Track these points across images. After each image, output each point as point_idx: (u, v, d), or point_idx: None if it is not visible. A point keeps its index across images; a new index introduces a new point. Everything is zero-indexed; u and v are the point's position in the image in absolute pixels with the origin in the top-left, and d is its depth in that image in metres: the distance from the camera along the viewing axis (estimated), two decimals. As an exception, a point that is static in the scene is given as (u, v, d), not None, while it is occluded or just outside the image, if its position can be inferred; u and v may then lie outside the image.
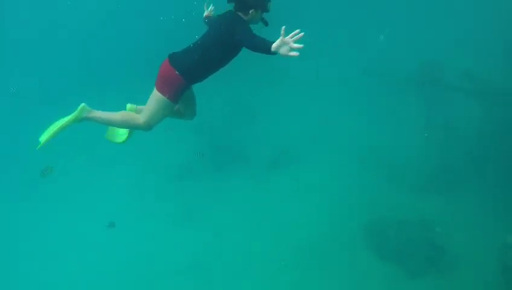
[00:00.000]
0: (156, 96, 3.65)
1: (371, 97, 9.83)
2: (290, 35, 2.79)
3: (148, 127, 3.75)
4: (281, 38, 2.83)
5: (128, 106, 4.05)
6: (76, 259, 7.28)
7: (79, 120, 3.83)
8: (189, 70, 3.57)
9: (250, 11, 3.48)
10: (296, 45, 2.77)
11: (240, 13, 3.52)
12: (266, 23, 3.72)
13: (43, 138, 3.84)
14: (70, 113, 3.79)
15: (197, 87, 3.73)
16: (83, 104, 3.82)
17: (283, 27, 2.81)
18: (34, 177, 7.59)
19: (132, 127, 3.85)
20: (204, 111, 4.81)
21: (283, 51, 2.85)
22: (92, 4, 14.40)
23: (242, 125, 10.02)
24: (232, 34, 3.35)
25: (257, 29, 3.51)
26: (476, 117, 8.45)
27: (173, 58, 3.61)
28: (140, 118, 3.73)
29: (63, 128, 3.84)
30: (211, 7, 3.99)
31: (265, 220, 7.41)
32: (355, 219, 6.91)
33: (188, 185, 8.69)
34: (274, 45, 2.89)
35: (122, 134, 4.16)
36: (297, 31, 2.78)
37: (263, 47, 3.00)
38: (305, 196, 7.74)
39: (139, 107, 4.00)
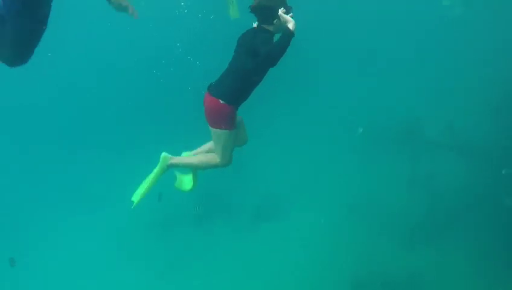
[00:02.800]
0: (216, 134, 3.71)
1: (357, 151, 9.88)
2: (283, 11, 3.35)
3: (226, 162, 3.89)
4: (288, 16, 3.35)
5: (185, 153, 4.27)
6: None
7: (165, 170, 4.05)
8: (232, 96, 3.59)
9: (275, 21, 3.49)
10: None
11: (264, 26, 3.56)
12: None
13: (136, 197, 4.11)
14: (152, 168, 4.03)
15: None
16: (163, 153, 4.03)
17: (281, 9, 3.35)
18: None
19: (213, 167, 3.98)
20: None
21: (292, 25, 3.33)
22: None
23: (225, 173, 9.88)
24: (266, 55, 3.40)
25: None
26: (458, 171, 8.53)
27: (213, 90, 3.64)
28: (216, 158, 3.87)
29: (154, 183, 4.09)
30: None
31: (248, 275, 7.22)
32: (342, 274, 6.74)
33: (171, 234, 8.50)
34: (292, 27, 3.30)
35: (188, 182, 4.32)
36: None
37: (287, 41, 3.31)
38: (290, 249, 7.56)
39: (196, 151, 4.21)
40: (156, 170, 4.07)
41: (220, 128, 3.65)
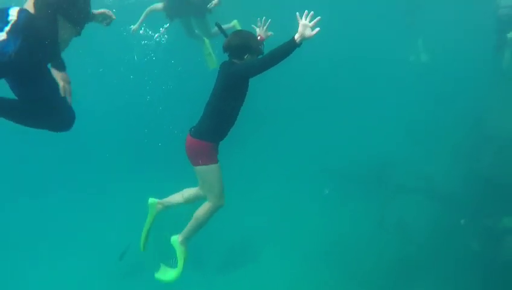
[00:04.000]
0: (200, 173, 3.76)
1: (327, 196, 9.95)
2: (304, 16, 3.13)
3: (219, 203, 3.90)
4: (300, 23, 3.13)
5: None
6: None
7: (156, 215, 4.13)
8: (208, 131, 3.68)
9: (246, 56, 3.61)
10: (313, 22, 3.10)
11: (235, 60, 3.66)
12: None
13: (141, 245, 4.29)
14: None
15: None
16: (150, 199, 4.12)
17: (297, 13, 3.13)
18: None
19: (209, 214, 3.95)
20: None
21: (308, 32, 3.11)
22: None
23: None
24: (232, 74, 3.50)
25: None
26: (428, 216, 8.65)
27: (192, 131, 3.76)
28: (208, 202, 3.88)
29: (148, 229, 4.21)
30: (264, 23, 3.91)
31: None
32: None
33: (138, 283, 8.13)
34: (297, 35, 3.13)
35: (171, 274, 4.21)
36: (306, 12, 3.12)
37: (282, 50, 3.18)
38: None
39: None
40: (148, 219, 4.21)
41: (200, 165, 3.72)
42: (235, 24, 7.61)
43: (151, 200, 4.16)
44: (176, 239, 4.05)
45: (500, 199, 8.01)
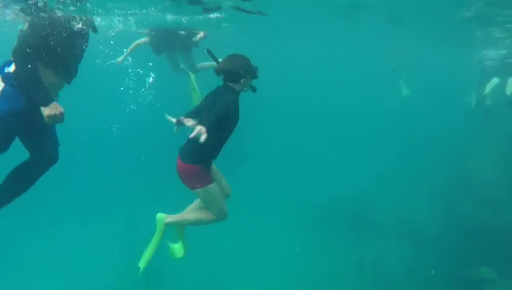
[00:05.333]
0: (198, 194, 3.78)
1: (305, 236, 9.80)
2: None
3: (221, 216, 3.92)
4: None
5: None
6: None
7: (163, 232, 4.10)
8: (195, 155, 3.65)
9: (241, 80, 3.63)
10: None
11: (230, 84, 3.66)
12: (255, 90, 3.86)
13: (143, 264, 4.15)
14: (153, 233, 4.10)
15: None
16: (158, 214, 4.09)
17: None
18: None
19: (212, 222, 3.98)
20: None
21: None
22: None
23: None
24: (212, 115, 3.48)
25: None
26: (405, 258, 8.67)
27: (181, 152, 3.74)
28: (211, 214, 3.91)
29: (156, 248, 4.15)
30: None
31: None
32: None
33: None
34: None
35: (179, 250, 4.33)
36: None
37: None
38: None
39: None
40: (155, 235, 4.13)
41: (200, 187, 3.71)
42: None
43: (159, 215, 4.12)
44: (163, 218, 4.08)
45: (479, 248, 8.05)
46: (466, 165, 10.30)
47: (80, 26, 3.61)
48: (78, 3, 5.10)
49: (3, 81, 3.30)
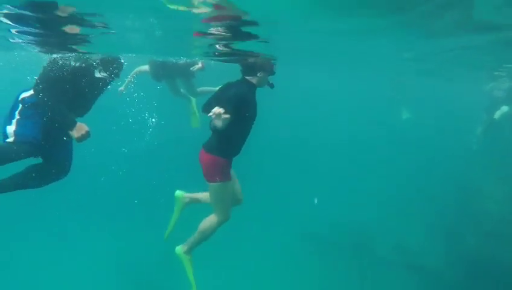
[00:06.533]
0: (213, 189, 3.84)
1: (304, 266, 9.55)
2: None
3: (226, 218, 3.95)
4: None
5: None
6: None
7: (183, 207, 4.26)
8: (220, 148, 3.75)
9: (259, 74, 3.73)
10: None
11: (248, 77, 3.76)
12: (272, 86, 3.92)
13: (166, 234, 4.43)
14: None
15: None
16: (176, 192, 4.29)
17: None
18: None
19: (213, 226, 4.00)
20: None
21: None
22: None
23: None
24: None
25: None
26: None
27: (206, 145, 3.83)
28: (215, 217, 3.93)
29: (175, 221, 4.36)
30: None
31: None
32: None
33: None
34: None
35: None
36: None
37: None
38: None
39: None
40: (174, 213, 4.36)
41: (215, 182, 3.78)
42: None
43: (177, 192, 4.29)
44: (181, 249, 4.17)
45: (483, 284, 7.77)
46: (472, 196, 10.10)
47: (100, 70, 3.97)
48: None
49: (21, 103, 3.75)
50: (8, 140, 3.63)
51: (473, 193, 10.17)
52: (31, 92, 3.76)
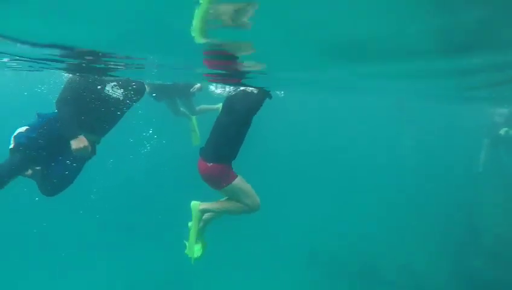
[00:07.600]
0: (227, 192, 3.87)
1: (314, 284, 9.57)
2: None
3: (255, 205, 3.97)
4: None
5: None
6: None
7: (201, 218, 4.09)
8: (218, 154, 3.83)
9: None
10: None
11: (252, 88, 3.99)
12: (270, 96, 4.13)
13: (189, 251, 4.15)
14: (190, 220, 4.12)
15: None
16: (192, 202, 4.11)
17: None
18: None
19: (245, 213, 4.01)
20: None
21: None
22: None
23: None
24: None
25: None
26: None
27: (203, 153, 3.89)
28: (246, 206, 3.94)
29: (198, 233, 4.13)
30: None
31: None
32: None
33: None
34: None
35: (198, 250, 4.28)
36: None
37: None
38: None
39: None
40: (192, 222, 4.15)
41: (230, 183, 3.81)
42: (219, 107, 7.96)
43: (193, 203, 4.17)
44: (197, 205, 4.09)
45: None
46: (478, 218, 10.08)
47: (119, 93, 3.94)
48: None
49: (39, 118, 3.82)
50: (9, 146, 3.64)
51: (479, 214, 10.15)
52: (27, 127, 3.75)
